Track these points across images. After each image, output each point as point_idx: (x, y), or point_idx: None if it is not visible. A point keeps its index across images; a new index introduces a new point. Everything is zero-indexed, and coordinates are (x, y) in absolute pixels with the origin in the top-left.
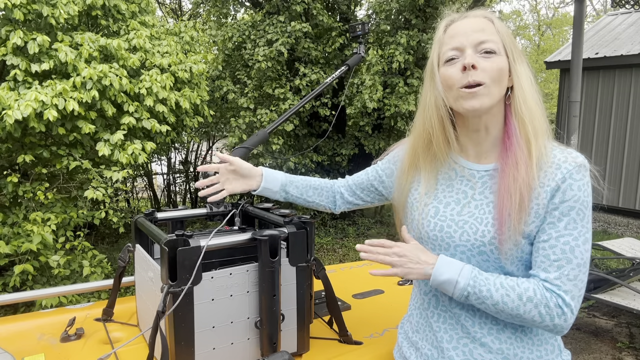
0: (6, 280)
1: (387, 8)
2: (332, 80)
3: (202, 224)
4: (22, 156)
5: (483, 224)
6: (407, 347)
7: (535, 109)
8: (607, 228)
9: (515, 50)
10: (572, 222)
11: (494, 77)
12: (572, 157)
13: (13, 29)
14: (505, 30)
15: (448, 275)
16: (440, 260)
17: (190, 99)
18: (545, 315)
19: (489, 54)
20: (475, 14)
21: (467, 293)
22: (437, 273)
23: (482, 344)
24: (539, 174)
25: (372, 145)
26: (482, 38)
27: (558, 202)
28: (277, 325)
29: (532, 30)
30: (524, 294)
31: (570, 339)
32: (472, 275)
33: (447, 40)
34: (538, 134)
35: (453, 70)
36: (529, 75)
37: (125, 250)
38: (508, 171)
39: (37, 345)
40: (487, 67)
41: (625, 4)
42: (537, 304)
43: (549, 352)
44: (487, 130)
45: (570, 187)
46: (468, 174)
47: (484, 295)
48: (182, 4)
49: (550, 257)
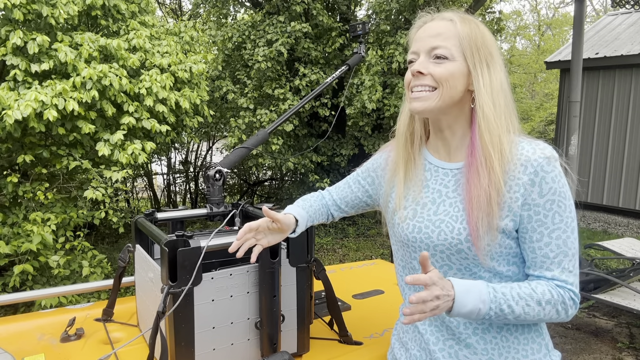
0: (6, 280)
1: (387, 8)
2: (332, 80)
3: (202, 224)
4: (22, 156)
5: (459, 222)
6: (399, 349)
7: (494, 114)
8: (607, 228)
9: (478, 54)
10: (557, 216)
11: (441, 83)
12: (540, 149)
13: (13, 29)
14: (468, 34)
15: (470, 306)
16: (457, 290)
17: (190, 99)
18: (562, 310)
19: (440, 60)
20: (443, 16)
21: (489, 317)
22: (459, 306)
23: (467, 345)
24: (507, 168)
25: (372, 145)
26: (435, 43)
27: (537, 197)
28: (277, 326)
29: (532, 30)
30: (542, 298)
31: (570, 339)
32: (490, 297)
33: (412, 43)
34: (500, 134)
35: (408, 73)
36: (494, 81)
37: (125, 251)
38: (472, 169)
39: (37, 346)
40: (435, 72)
41: (625, 4)
42: (555, 303)
43: (535, 352)
44: (451, 130)
45: (544, 180)
46: (442, 173)
47: (505, 312)
48: (182, 4)
49: (549, 256)
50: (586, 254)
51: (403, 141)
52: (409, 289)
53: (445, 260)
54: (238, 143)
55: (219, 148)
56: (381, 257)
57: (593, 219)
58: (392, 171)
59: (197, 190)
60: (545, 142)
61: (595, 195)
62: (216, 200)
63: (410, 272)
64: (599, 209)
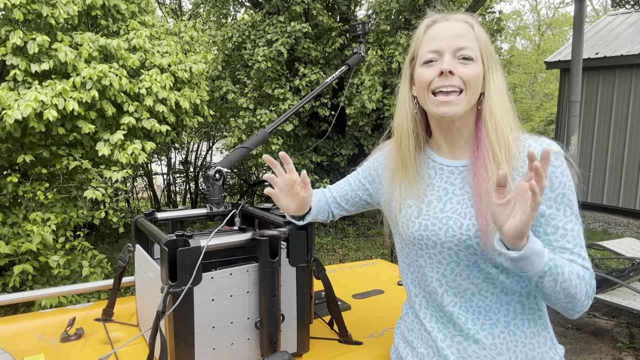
0: (6, 280)
1: (387, 8)
2: (332, 80)
3: (202, 224)
4: (22, 156)
5: (467, 218)
6: (403, 347)
7: (502, 115)
8: (607, 228)
9: (490, 58)
10: (568, 209)
11: (469, 84)
12: (546, 144)
13: (13, 29)
14: (484, 38)
15: (539, 246)
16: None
17: (190, 98)
18: (589, 291)
19: (467, 60)
20: (457, 17)
21: (549, 267)
22: (532, 240)
23: (475, 341)
24: (514, 164)
25: (372, 145)
26: (462, 44)
27: (548, 191)
28: (277, 326)
29: (532, 30)
30: (579, 272)
31: (570, 339)
32: (549, 255)
33: (426, 41)
34: (506, 132)
35: (430, 72)
36: (500, 83)
37: (125, 250)
38: (479, 163)
39: (37, 346)
40: (463, 74)
41: (625, 4)
42: (587, 282)
43: (541, 345)
44: (459, 130)
45: (554, 174)
46: (447, 171)
47: (558, 271)
48: (182, 4)
49: (567, 247)
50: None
51: (405, 139)
52: (414, 285)
53: (453, 257)
54: (238, 143)
55: (219, 148)
56: (381, 257)
57: (593, 219)
58: (394, 170)
59: (197, 190)
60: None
61: (595, 195)
62: (216, 200)
63: (416, 270)
64: (599, 209)
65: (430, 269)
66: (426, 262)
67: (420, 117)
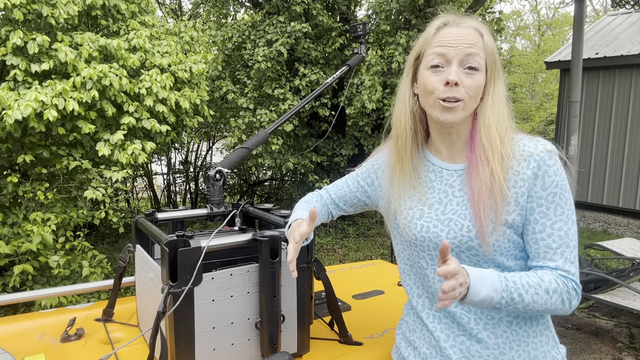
0: (6, 281)
1: (387, 8)
2: (332, 81)
3: (202, 224)
4: (22, 156)
5: (467, 219)
6: (405, 347)
7: (497, 121)
8: (607, 228)
9: (494, 67)
10: (559, 208)
11: (472, 94)
12: (541, 144)
13: (13, 29)
14: (491, 48)
15: (484, 294)
16: (472, 278)
17: (190, 99)
18: (566, 300)
19: (472, 71)
20: (469, 24)
21: (500, 305)
22: (472, 294)
23: (478, 340)
24: (509, 165)
25: (372, 145)
26: (470, 54)
27: (540, 189)
28: (278, 326)
29: (532, 30)
30: (550, 287)
31: (570, 339)
32: (502, 286)
33: (435, 44)
34: (499, 136)
35: (435, 79)
36: (499, 92)
37: (125, 251)
38: (472, 164)
39: (38, 346)
40: (468, 85)
41: (625, 4)
42: (561, 292)
43: (543, 344)
44: (457, 134)
45: (547, 173)
46: (446, 174)
47: (515, 301)
48: (182, 4)
49: (552, 246)
50: (586, 254)
51: (402, 135)
52: (417, 286)
53: (454, 258)
54: (238, 143)
55: (219, 148)
56: (381, 257)
57: (593, 219)
58: (393, 172)
59: (197, 190)
60: (543, 138)
61: (595, 195)
62: (216, 201)
63: (418, 272)
64: (599, 209)
65: (432, 270)
66: (428, 264)
67: (419, 114)
